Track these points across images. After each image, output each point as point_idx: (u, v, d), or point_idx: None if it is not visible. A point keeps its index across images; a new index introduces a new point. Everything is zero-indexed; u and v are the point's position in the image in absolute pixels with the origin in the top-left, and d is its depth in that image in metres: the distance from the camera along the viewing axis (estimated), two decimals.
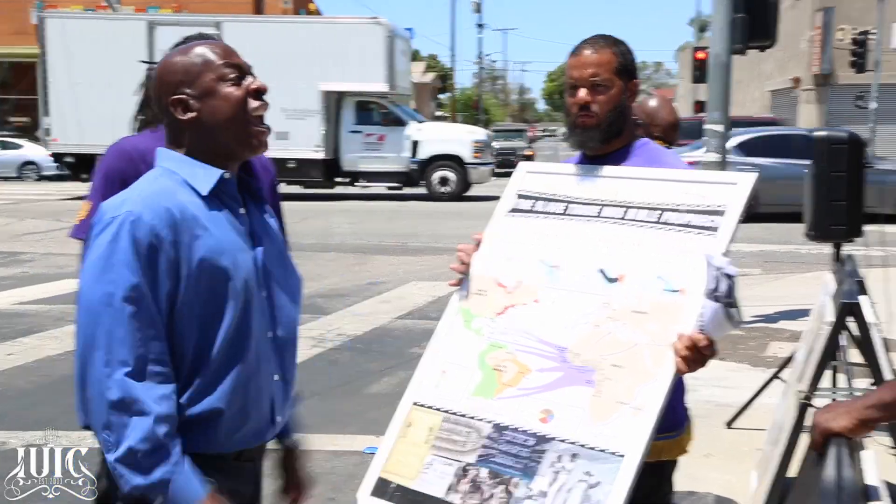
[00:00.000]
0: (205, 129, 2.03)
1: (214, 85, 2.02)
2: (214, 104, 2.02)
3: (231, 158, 2.08)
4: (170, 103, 2.03)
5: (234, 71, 2.04)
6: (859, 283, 3.87)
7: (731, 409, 5.60)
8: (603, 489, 2.05)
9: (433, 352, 2.50)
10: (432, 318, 9.53)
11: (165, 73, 2.06)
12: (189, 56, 2.05)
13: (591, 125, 2.55)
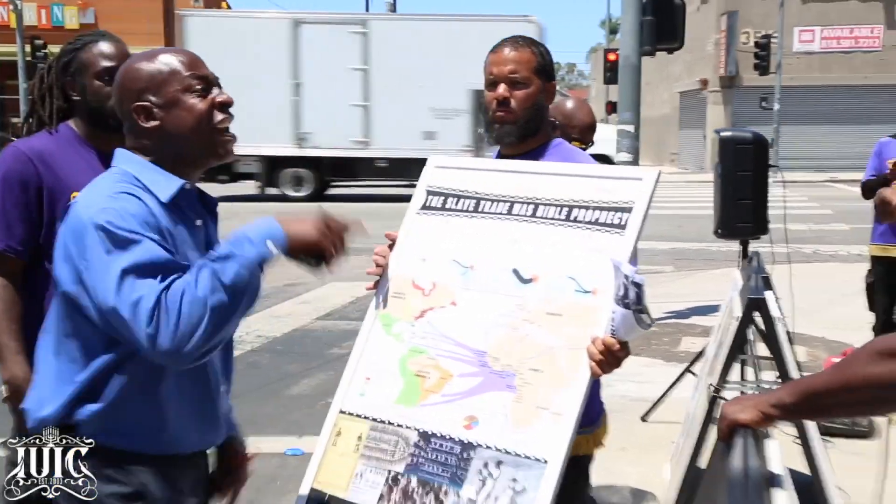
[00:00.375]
0: (168, 137, 2.02)
1: (179, 95, 2.01)
2: (178, 114, 2.01)
3: (195, 166, 2.08)
4: (132, 109, 2.01)
5: (200, 82, 2.03)
6: (765, 279, 3.97)
7: (646, 404, 5.69)
8: (528, 495, 2.08)
9: (356, 358, 2.48)
10: (352, 319, 9.49)
11: (129, 79, 2.03)
12: (155, 63, 2.03)
13: (508, 120, 2.59)
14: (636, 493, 4.61)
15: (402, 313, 2.44)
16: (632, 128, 8.67)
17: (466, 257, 2.39)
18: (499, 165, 2.57)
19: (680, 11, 9.08)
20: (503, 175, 2.47)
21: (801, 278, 6.20)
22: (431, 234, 2.49)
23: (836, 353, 6.45)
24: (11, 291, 2.63)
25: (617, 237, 2.21)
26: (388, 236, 2.54)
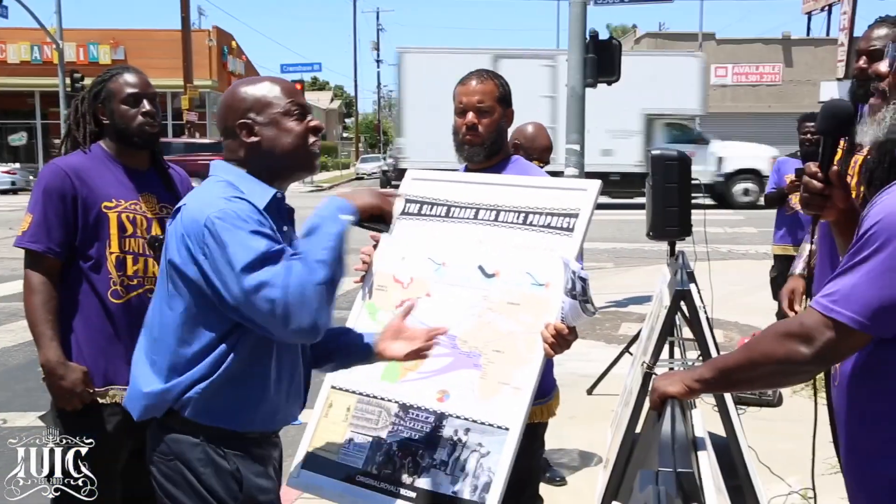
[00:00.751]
0: (264, 153, 1.98)
1: (279, 117, 1.98)
2: (277, 133, 1.98)
3: (283, 179, 2.04)
4: (236, 126, 1.97)
5: (298, 108, 2.00)
6: (689, 274, 3.99)
7: (591, 379, 5.72)
8: (493, 458, 2.09)
9: None
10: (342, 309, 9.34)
11: (236, 99, 2.00)
12: (259, 87, 2.00)
13: (476, 143, 2.58)
14: (583, 455, 4.63)
15: (384, 303, 2.43)
16: (578, 147, 8.71)
17: (439, 256, 2.39)
18: (466, 178, 2.56)
19: (617, 50, 9.13)
20: (470, 186, 2.47)
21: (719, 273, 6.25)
22: (409, 235, 2.47)
23: (747, 334, 6.51)
24: (50, 287, 2.59)
25: (566, 238, 2.21)
26: (373, 237, 2.53)
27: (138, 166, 2.76)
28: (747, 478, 3.15)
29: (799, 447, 4.56)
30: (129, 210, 2.67)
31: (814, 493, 2.45)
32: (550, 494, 3.89)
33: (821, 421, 4.93)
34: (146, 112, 2.69)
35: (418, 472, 2.17)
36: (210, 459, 1.93)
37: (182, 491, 1.93)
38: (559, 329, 2.10)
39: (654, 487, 1.29)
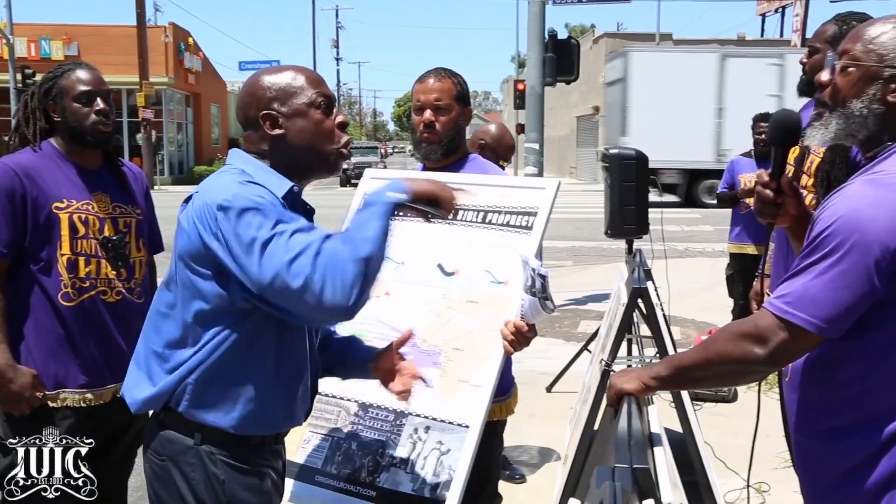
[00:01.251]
0: (287, 147, 1.88)
1: (306, 109, 1.87)
2: (303, 126, 1.87)
3: (304, 176, 1.93)
4: (260, 117, 1.87)
5: (325, 100, 1.89)
6: (646, 271, 4.02)
7: (550, 377, 5.74)
8: (453, 455, 2.09)
9: None
10: None
11: (259, 88, 1.88)
12: (284, 76, 1.89)
13: (434, 141, 2.58)
14: (542, 452, 4.65)
15: None
16: (537, 146, 8.76)
17: (398, 254, 2.38)
18: (425, 177, 2.56)
19: (575, 50, 9.21)
20: None
21: (676, 271, 6.32)
22: None
23: (704, 331, 6.59)
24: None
25: (525, 236, 2.22)
26: None
27: (90, 165, 2.70)
28: (703, 473, 3.19)
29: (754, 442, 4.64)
30: (81, 210, 2.62)
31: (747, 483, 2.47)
32: (510, 492, 3.90)
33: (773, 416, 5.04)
34: (100, 111, 2.64)
35: (378, 471, 2.17)
36: (201, 465, 1.84)
37: (169, 493, 1.87)
38: (519, 326, 2.11)
39: (610, 483, 1.30)
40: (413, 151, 2.68)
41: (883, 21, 1.67)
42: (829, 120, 1.72)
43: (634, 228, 5.24)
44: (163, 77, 30.16)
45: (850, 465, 1.61)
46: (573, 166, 38.19)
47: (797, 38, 29.99)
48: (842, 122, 1.69)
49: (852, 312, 1.54)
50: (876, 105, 1.64)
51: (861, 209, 1.53)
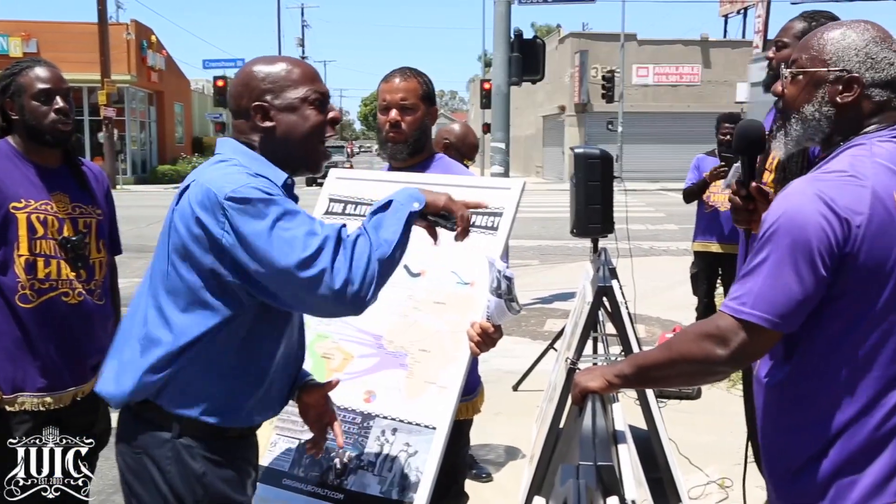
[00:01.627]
0: (277, 140, 1.85)
1: (298, 103, 1.85)
2: (294, 120, 1.85)
3: (294, 170, 1.90)
4: (252, 108, 1.84)
5: (319, 96, 1.87)
6: (611, 270, 4.05)
7: (516, 375, 5.76)
8: (420, 457, 2.09)
9: None
10: None
11: (252, 79, 1.85)
12: (279, 68, 1.86)
13: (400, 140, 2.57)
14: (508, 451, 4.66)
15: None
16: (503, 145, 8.77)
17: None
18: (390, 177, 2.55)
19: (541, 49, 9.23)
20: (394, 185, 2.44)
21: (641, 269, 6.37)
22: None
23: (668, 329, 6.65)
24: None
25: (490, 237, 2.22)
26: None
27: (49, 164, 2.66)
28: (667, 469, 3.22)
29: (717, 438, 4.70)
30: (40, 210, 2.57)
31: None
32: (476, 491, 3.91)
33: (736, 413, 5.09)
34: (59, 109, 2.60)
35: (346, 473, 2.16)
36: (178, 458, 1.80)
37: (145, 487, 1.82)
38: (485, 328, 2.12)
39: (574, 481, 1.30)
40: (379, 151, 2.67)
41: (829, 27, 1.74)
42: (788, 127, 1.78)
43: (600, 227, 5.28)
44: (125, 75, 29.75)
45: (805, 458, 1.66)
46: (539, 166, 38.39)
47: (759, 40, 30.40)
48: (799, 127, 1.76)
49: (804, 306, 1.59)
50: (826, 108, 1.72)
51: (800, 206, 1.58)
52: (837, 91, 1.69)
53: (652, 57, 32.85)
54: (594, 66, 32.22)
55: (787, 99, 1.78)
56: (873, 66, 1.67)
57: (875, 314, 1.59)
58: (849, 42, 1.69)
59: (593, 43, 32.82)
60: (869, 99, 1.69)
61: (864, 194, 1.57)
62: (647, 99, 32.82)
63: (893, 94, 1.69)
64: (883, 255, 1.57)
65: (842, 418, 1.62)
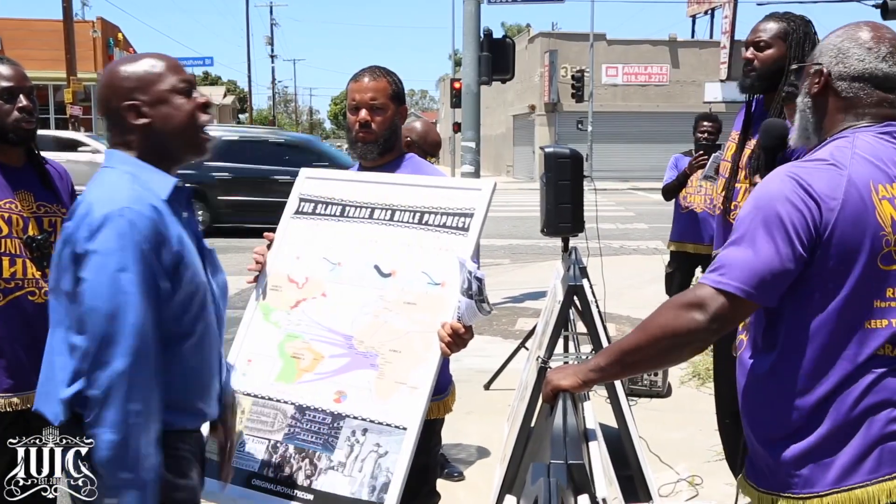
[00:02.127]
0: (155, 134, 1.86)
1: (167, 95, 1.86)
2: (167, 112, 1.86)
3: (176, 161, 1.92)
4: (121, 108, 1.84)
5: (185, 84, 1.89)
6: (582, 269, 4.07)
7: (488, 374, 5.76)
8: (391, 457, 2.08)
9: (239, 342, 2.41)
10: (236, 308, 9.15)
11: (118, 79, 1.86)
12: (142, 65, 1.87)
13: (370, 140, 2.56)
14: (480, 450, 4.67)
15: (279, 304, 2.39)
16: (473, 144, 8.78)
17: (335, 255, 2.36)
18: (361, 177, 2.54)
19: (510, 49, 9.26)
20: (365, 185, 2.45)
21: (610, 268, 6.41)
22: (304, 235, 2.44)
23: None
24: None
25: (461, 238, 2.22)
26: (266, 237, 2.48)
27: (13, 163, 2.62)
28: (638, 467, 3.25)
29: (687, 436, 4.75)
30: (4, 209, 2.53)
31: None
32: (448, 490, 3.91)
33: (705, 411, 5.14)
34: (22, 108, 2.56)
35: (316, 473, 2.15)
36: None
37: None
38: (455, 328, 2.12)
39: (545, 480, 1.31)
40: (349, 150, 2.66)
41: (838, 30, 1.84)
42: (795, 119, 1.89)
43: (570, 226, 5.30)
44: (91, 73, 29.36)
45: (780, 437, 1.71)
46: (510, 165, 38.51)
47: (726, 40, 30.77)
48: (797, 118, 1.87)
49: (780, 279, 1.65)
50: (806, 99, 1.83)
51: (774, 185, 1.68)
52: (813, 83, 1.80)
53: (621, 57, 33.08)
54: (564, 65, 32.38)
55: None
56: (842, 60, 1.76)
57: (845, 298, 1.64)
58: (830, 39, 1.81)
59: (563, 42, 32.98)
60: (836, 92, 1.78)
61: (840, 181, 1.64)
62: (616, 98, 33.04)
63: (867, 89, 1.75)
64: (855, 241, 1.63)
65: (812, 399, 1.67)
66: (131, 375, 1.68)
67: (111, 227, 1.70)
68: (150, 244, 1.73)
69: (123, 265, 1.69)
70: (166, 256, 1.77)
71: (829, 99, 1.79)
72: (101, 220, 1.70)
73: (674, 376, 5.84)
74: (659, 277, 6.63)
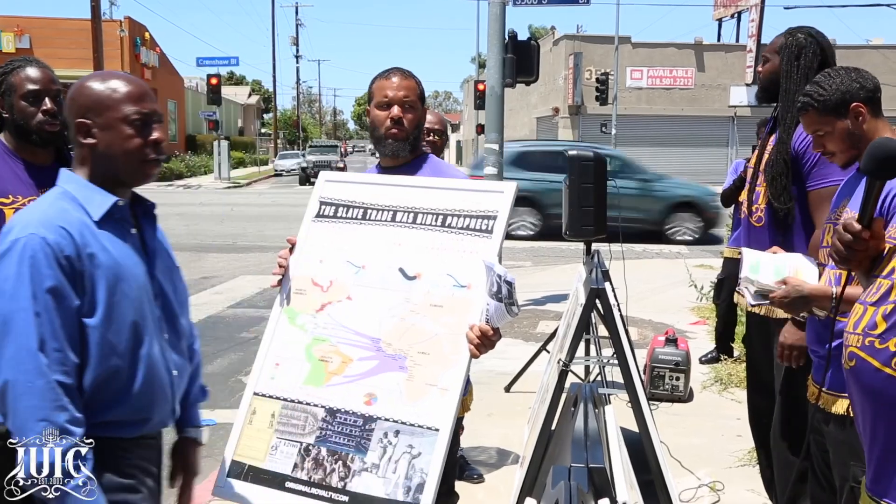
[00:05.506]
0: (100, 157, 1.89)
1: (117, 123, 1.87)
2: (112, 139, 1.88)
3: (123, 185, 1.94)
4: (75, 124, 1.88)
5: (140, 117, 1.89)
6: (604, 272, 4.06)
7: (508, 377, 5.76)
8: (424, 458, 2.09)
9: (266, 347, 2.42)
10: (260, 307, 9.31)
11: (78, 95, 1.89)
12: (104, 86, 1.89)
13: (401, 137, 2.57)
14: (500, 452, 4.66)
15: (304, 307, 2.39)
16: (496, 146, 8.76)
17: (358, 258, 2.36)
18: (382, 180, 2.54)
19: (535, 51, 9.23)
20: (386, 188, 2.45)
21: (633, 272, 6.38)
22: (326, 238, 2.44)
23: (661, 332, 6.66)
24: None
25: (485, 240, 2.22)
26: (289, 241, 2.49)
27: (41, 162, 2.65)
28: (659, 472, 3.23)
29: (709, 441, 4.72)
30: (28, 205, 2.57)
31: None
32: (468, 491, 3.91)
33: (728, 416, 5.11)
34: (47, 110, 2.60)
35: (350, 475, 2.15)
36: None
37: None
38: (484, 331, 2.12)
39: (566, 483, 1.31)
40: (375, 149, 2.66)
41: None
42: None
43: (593, 229, 5.28)
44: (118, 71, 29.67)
45: None
46: None
47: (752, 44, 30.49)
48: None
49: None
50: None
51: None
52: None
53: (646, 60, 32.90)
54: (588, 68, 32.25)
55: None
56: None
57: None
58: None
59: (587, 45, 32.87)
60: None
61: None
62: (640, 102, 32.87)
63: None
64: None
65: None
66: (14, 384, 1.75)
67: (13, 252, 1.77)
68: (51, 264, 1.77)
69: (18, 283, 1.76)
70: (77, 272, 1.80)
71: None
72: (9, 244, 1.78)
73: (695, 381, 5.81)
74: (681, 282, 6.60)
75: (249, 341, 7.03)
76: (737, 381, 5.82)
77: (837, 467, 2.49)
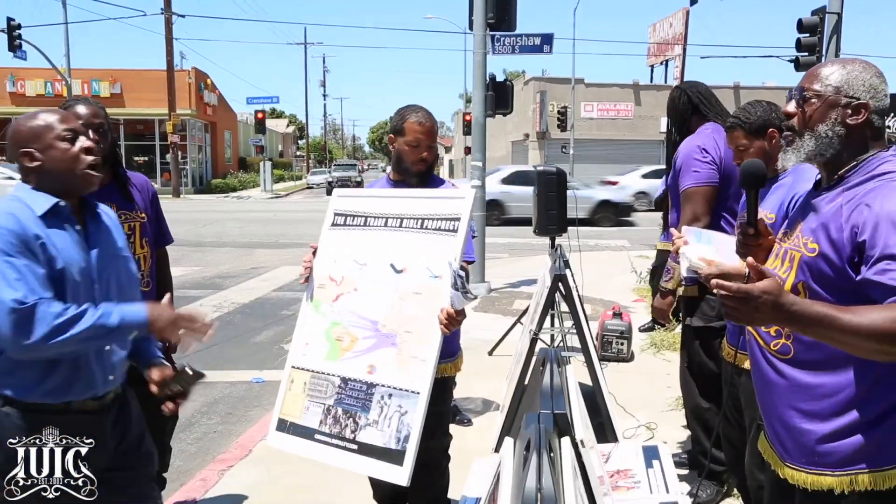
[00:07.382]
0: (46, 173, 1.86)
1: (54, 142, 1.85)
2: (53, 156, 1.85)
3: (69, 195, 1.89)
4: (20, 155, 1.85)
5: (69, 133, 1.87)
6: (565, 262, 4.05)
7: (490, 343, 5.74)
8: (410, 415, 2.09)
9: (298, 329, 2.43)
10: (298, 290, 9.26)
11: (16, 133, 1.87)
12: (36, 120, 1.87)
13: (423, 170, 2.56)
14: (485, 402, 4.65)
15: (324, 298, 2.39)
16: (480, 164, 8.75)
17: (361, 258, 2.35)
18: (375, 193, 2.52)
19: (510, 90, 9.21)
20: (379, 200, 2.44)
21: (587, 262, 6.38)
22: (338, 243, 2.43)
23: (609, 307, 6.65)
24: None
25: (452, 238, 2.20)
26: (311, 246, 2.48)
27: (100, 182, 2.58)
28: (608, 416, 3.22)
29: (645, 392, 4.71)
30: None
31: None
32: (460, 433, 3.90)
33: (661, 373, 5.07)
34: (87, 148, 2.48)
35: (358, 429, 2.17)
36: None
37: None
38: (449, 313, 2.11)
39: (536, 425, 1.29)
40: (399, 175, 2.63)
41: (830, 63, 1.66)
42: (800, 143, 1.65)
43: (556, 228, 5.27)
44: (187, 110, 29.54)
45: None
46: None
47: None
48: (812, 143, 1.63)
49: None
50: (839, 128, 1.61)
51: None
52: (848, 114, 1.60)
53: (596, 96, 32.86)
54: (551, 102, 32.20)
55: (801, 118, 1.65)
56: (874, 96, 1.60)
57: None
58: (856, 75, 1.61)
59: (550, 85, 32.81)
60: (871, 124, 1.61)
61: None
62: (592, 129, 32.81)
63: (881, 121, 1.62)
64: None
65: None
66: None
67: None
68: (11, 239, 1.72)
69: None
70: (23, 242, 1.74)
71: (865, 130, 1.60)
72: None
73: (636, 346, 5.80)
74: (625, 269, 6.58)
75: (289, 317, 7.01)
76: (667, 346, 5.82)
77: (747, 410, 2.49)
